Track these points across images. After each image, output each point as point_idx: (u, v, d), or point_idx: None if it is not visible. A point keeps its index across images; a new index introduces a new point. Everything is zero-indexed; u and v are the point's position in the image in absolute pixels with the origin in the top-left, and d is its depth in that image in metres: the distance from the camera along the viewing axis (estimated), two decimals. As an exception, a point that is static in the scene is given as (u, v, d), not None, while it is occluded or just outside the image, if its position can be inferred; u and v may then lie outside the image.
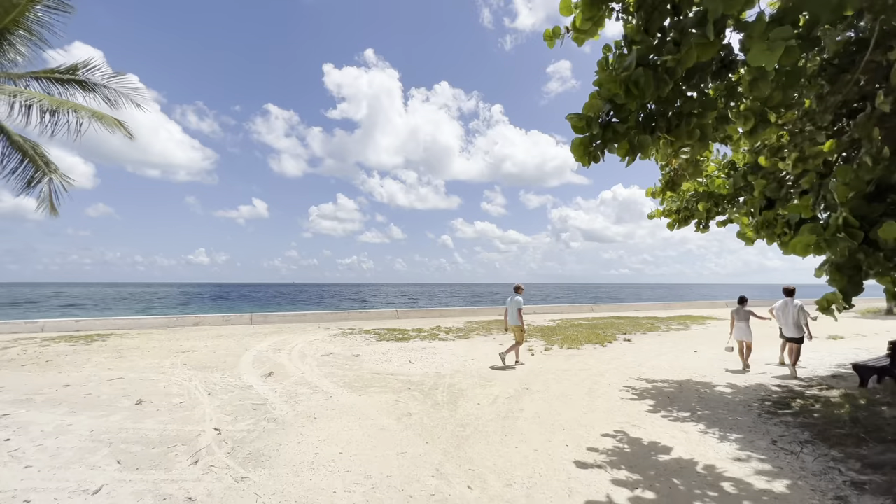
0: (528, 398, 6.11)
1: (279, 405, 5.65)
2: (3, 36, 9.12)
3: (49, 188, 10.95)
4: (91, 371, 7.69)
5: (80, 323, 14.61)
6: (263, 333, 13.06)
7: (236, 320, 16.76)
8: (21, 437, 4.38)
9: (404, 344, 11.28)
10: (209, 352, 9.75)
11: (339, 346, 10.66)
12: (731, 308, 8.96)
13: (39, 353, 9.48)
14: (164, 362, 8.56)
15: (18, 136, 10.07)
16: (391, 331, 13.84)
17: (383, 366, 8.40)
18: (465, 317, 20.44)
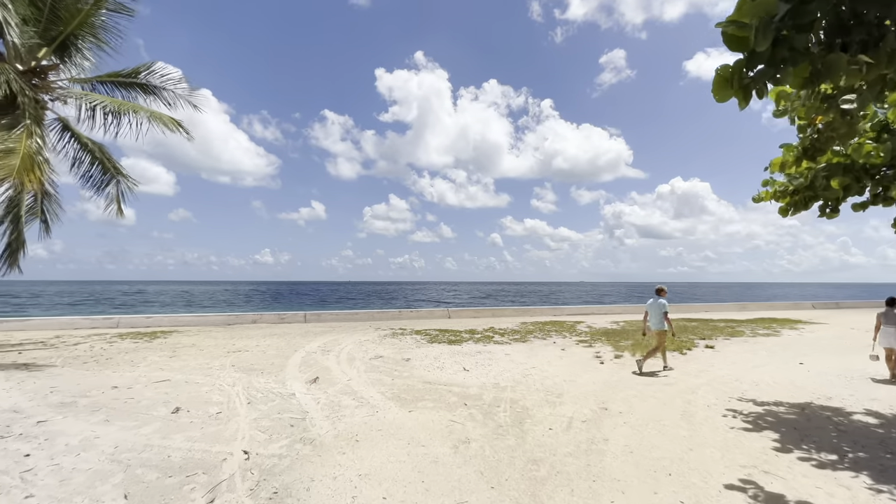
0: (610, 423, 4.93)
1: (319, 421, 4.87)
2: (70, 41, 9.15)
3: (116, 190, 11.08)
4: (142, 371, 7.41)
5: (150, 319, 15.02)
6: (315, 333, 12.65)
7: (291, 318, 16.64)
8: (41, 454, 3.88)
9: (457, 347, 10.34)
10: (259, 352, 9.34)
11: (389, 349, 9.91)
12: (879, 310, 7.34)
13: (104, 349, 9.51)
14: (214, 363, 8.18)
15: (87, 139, 10.19)
16: (443, 332, 12.96)
17: (435, 373, 7.49)
18: (519, 317, 19.19)
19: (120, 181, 11.06)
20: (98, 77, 9.84)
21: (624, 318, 18.15)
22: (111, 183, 10.96)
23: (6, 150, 7.13)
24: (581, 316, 19.73)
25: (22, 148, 7.30)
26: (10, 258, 8.79)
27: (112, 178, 10.92)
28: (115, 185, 11.02)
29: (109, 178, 10.90)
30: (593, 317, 19.29)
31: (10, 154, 7.14)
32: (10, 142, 7.25)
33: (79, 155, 10.30)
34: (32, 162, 7.41)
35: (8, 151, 7.13)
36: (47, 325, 13.65)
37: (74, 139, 10.10)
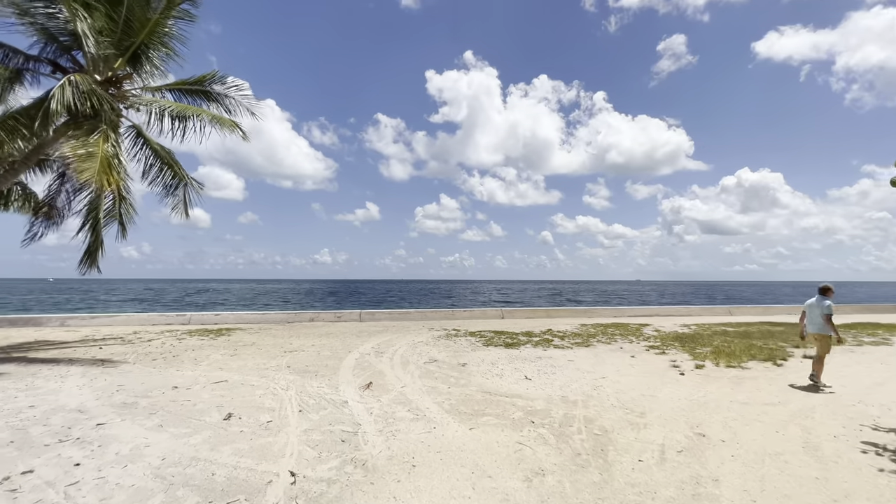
0: (714, 455, 4.01)
1: (372, 436, 4.37)
2: (142, 50, 9.41)
3: (184, 193, 11.41)
4: (203, 370, 7.37)
5: (218, 317, 15.58)
6: (369, 333, 12.39)
7: (347, 317, 16.63)
8: (91, 464, 3.66)
9: (515, 352, 9.59)
10: (314, 352, 9.14)
11: (444, 352, 9.36)
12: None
13: (173, 346, 9.75)
14: (271, 363, 8.03)
15: (157, 145, 10.53)
16: (498, 333, 12.24)
17: (495, 381, 6.82)
18: (577, 318, 18.00)
19: (187, 185, 11.37)
20: (166, 85, 10.11)
21: (695, 321, 16.43)
22: (179, 186, 11.29)
23: (87, 153, 7.36)
24: (645, 318, 18.19)
25: (100, 152, 7.51)
26: (90, 258, 9.20)
27: (180, 181, 11.24)
28: (182, 188, 11.34)
29: (177, 182, 11.23)
30: (659, 319, 17.70)
31: (90, 157, 7.36)
32: (89, 146, 7.48)
33: (151, 160, 10.66)
34: (109, 165, 7.61)
35: (88, 155, 7.36)
36: (130, 321, 14.50)
37: (146, 145, 10.46)
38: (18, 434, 4.29)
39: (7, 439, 4.15)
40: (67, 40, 8.37)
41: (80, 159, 7.22)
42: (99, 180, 7.24)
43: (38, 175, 10.78)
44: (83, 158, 7.26)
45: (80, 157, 7.25)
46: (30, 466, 3.54)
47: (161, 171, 10.86)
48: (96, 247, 9.17)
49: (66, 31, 8.11)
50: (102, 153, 7.53)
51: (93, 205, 9.05)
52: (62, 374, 6.92)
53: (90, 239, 9.15)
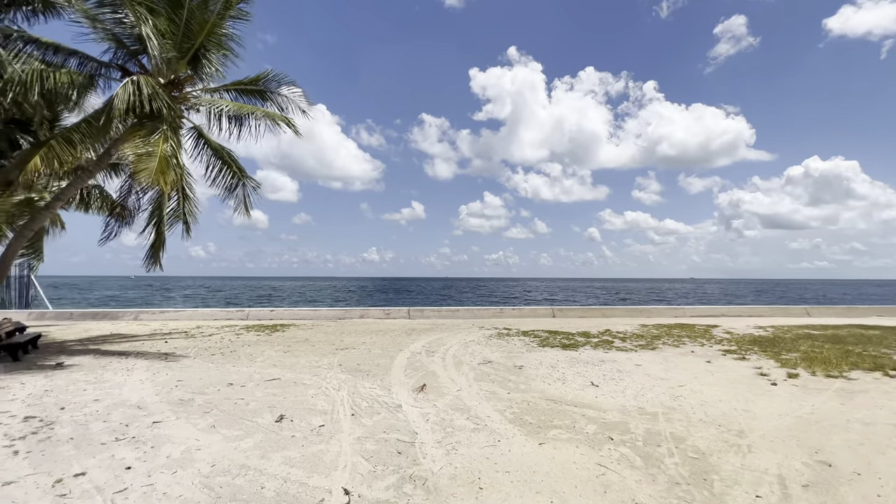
0: (854, 493, 3.17)
1: (430, 448, 3.91)
2: (201, 52, 9.55)
3: (243, 192, 11.59)
4: (258, 367, 7.28)
5: (273, 313, 15.92)
6: (418, 330, 12.06)
7: (396, 314, 16.45)
8: (142, 467, 3.46)
9: (573, 353, 8.84)
10: (365, 350, 8.88)
11: (498, 352, 8.79)
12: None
13: (231, 341, 9.87)
14: (323, 360, 7.84)
15: (217, 145, 10.73)
16: (552, 333, 11.48)
17: (557, 387, 6.17)
18: (634, 318, 16.75)
19: (245, 183, 11.54)
20: (224, 86, 10.25)
21: (769, 323, 14.74)
22: (238, 186, 11.48)
23: (146, 153, 7.50)
24: (710, 318, 16.61)
25: (159, 151, 7.64)
26: (153, 255, 9.49)
27: (238, 181, 11.42)
28: (241, 187, 11.52)
29: (237, 182, 11.42)
30: (727, 320, 16.07)
31: (150, 157, 7.50)
32: (149, 146, 7.62)
33: (211, 160, 10.88)
34: (168, 164, 7.73)
35: (147, 155, 7.49)
36: (194, 315, 15.11)
37: (207, 145, 10.68)
38: (80, 430, 4.22)
39: (68, 435, 4.08)
40: (134, 45, 8.62)
41: (140, 159, 7.36)
42: (156, 179, 7.33)
43: (112, 178, 11.35)
44: (143, 158, 7.39)
45: (140, 157, 7.39)
46: (83, 468, 3.39)
47: (221, 171, 11.06)
48: (159, 244, 9.45)
49: (132, 36, 8.34)
50: (161, 153, 7.64)
51: (156, 204, 9.31)
52: (129, 368, 7.06)
53: (153, 237, 9.43)
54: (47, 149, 7.23)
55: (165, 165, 7.64)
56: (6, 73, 7.00)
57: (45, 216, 8.27)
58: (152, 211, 9.35)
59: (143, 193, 9.67)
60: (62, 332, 11.03)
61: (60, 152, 7.29)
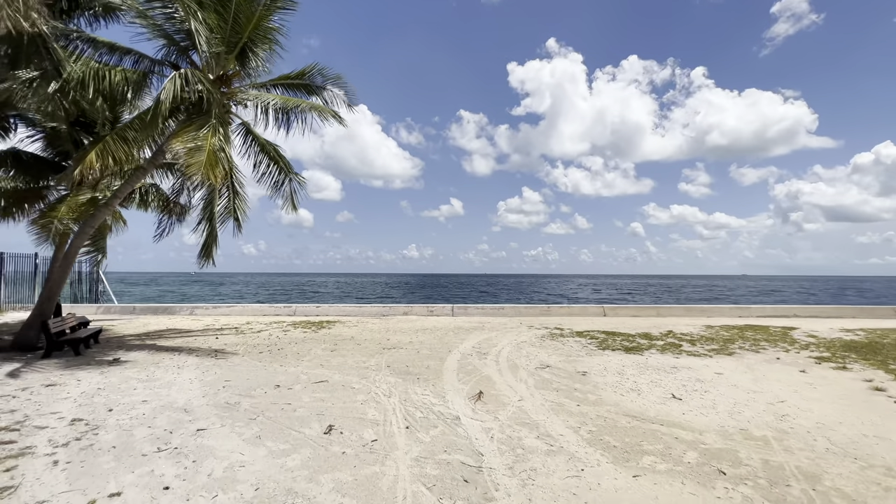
0: None
1: (502, 478, 3.27)
2: (248, 46, 9.35)
3: (290, 188, 11.42)
4: (305, 367, 6.94)
5: (319, 309, 15.87)
6: (465, 329, 11.46)
7: (440, 311, 15.94)
8: (181, 488, 3.06)
9: (639, 358, 7.92)
10: (413, 350, 8.38)
11: (555, 355, 8.02)
12: None
13: (279, 339, 9.70)
14: (370, 361, 7.40)
15: (264, 140, 10.58)
16: (610, 334, 10.52)
17: (633, 399, 5.35)
18: (695, 317, 15.32)
19: (292, 179, 11.36)
20: (271, 80, 10.05)
21: (857, 325, 12.93)
22: (285, 182, 11.32)
23: (196, 147, 7.34)
24: (784, 319, 14.90)
25: (207, 145, 7.46)
26: (206, 252, 9.45)
27: (286, 176, 11.25)
28: (287, 183, 11.35)
29: (284, 178, 11.25)
30: (805, 321, 14.32)
31: (198, 151, 7.33)
32: (198, 140, 7.46)
33: (259, 157, 10.75)
34: (216, 158, 7.54)
35: (196, 149, 7.33)
36: (245, 311, 15.31)
37: (255, 141, 10.54)
38: (123, 437, 3.94)
39: (111, 443, 3.79)
40: (184, 41, 8.52)
41: (190, 153, 7.19)
42: (206, 172, 7.13)
43: (168, 178, 11.51)
44: (192, 152, 7.23)
45: (190, 151, 7.22)
46: (120, 486, 3.03)
47: (268, 167, 10.91)
48: (211, 241, 9.40)
49: (182, 31, 8.23)
50: (210, 146, 7.45)
51: (207, 201, 9.24)
52: (179, 366, 6.92)
53: (206, 233, 9.38)
54: (102, 146, 7.22)
55: (214, 159, 7.46)
56: (65, 73, 7.03)
57: (104, 213, 8.37)
58: (204, 208, 9.33)
59: (194, 190, 9.66)
60: (124, 327, 11.35)
61: (114, 149, 7.27)
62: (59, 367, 6.68)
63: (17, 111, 9.94)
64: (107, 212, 8.42)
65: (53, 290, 8.17)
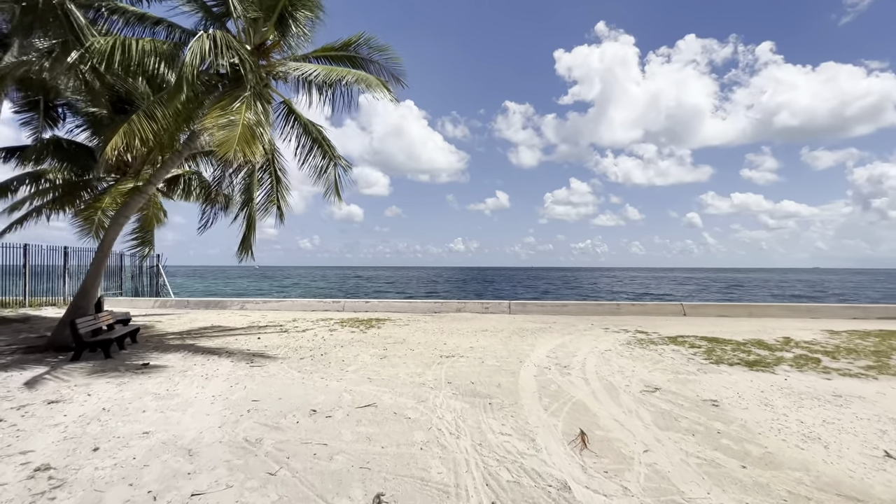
0: None
1: None
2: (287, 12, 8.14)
3: (334, 173, 10.25)
4: (350, 381, 5.61)
5: (368, 304, 14.78)
6: (529, 331, 9.76)
7: (495, 308, 14.30)
8: None
9: (774, 378, 5.86)
10: (476, 359, 6.84)
11: (656, 371, 6.15)
12: None
13: (324, 340, 8.53)
14: (427, 374, 5.95)
15: (307, 120, 9.43)
16: (714, 342, 8.39)
17: (826, 458, 3.46)
18: (801, 318, 12.55)
19: (336, 164, 10.17)
20: (313, 52, 8.84)
21: None
22: (329, 166, 10.15)
23: (227, 122, 6.21)
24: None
25: (241, 120, 6.31)
26: (244, 244, 8.44)
27: (330, 160, 10.08)
28: (332, 168, 10.17)
29: (328, 162, 10.08)
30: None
31: (230, 126, 6.20)
32: (230, 114, 6.32)
33: (301, 139, 9.61)
34: (252, 134, 6.39)
35: (229, 124, 6.20)
36: (293, 306, 14.53)
37: (297, 122, 9.41)
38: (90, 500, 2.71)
39: (69, 515, 2.56)
40: (219, 8, 7.44)
41: (220, 128, 6.05)
42: (240, 150, 5.97)
43: (211, 166, 10.71)
44: (223, 128, 6.09)
45: (220, 126, 6.09)
46: None
47: (311, 150, 9.77)
48: (249, 232, 8.37)
49: (217, 0, 7.11)
50: (244, 121, 6.29)
51: (245, 186, 8.21)
52: (208, 375, 5.83)
53: (244, 224, 8.36)
54: (127, 126, 6.29)
55: (250, 135, 6.31)
56: (87, 42, 6.13)
57: (137, 201, 7.55)
58: (242, 195, 8.33)
59: (233, 175, 8.68)
60: (171, 323, 10.75)
61: (140, 128, 6.31)
62: (82, 374, 5.81)
63: (64, 99, 9.45)
64: (141, 200, 7.58)
65: (88, 285, 7.46)
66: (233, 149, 5.92)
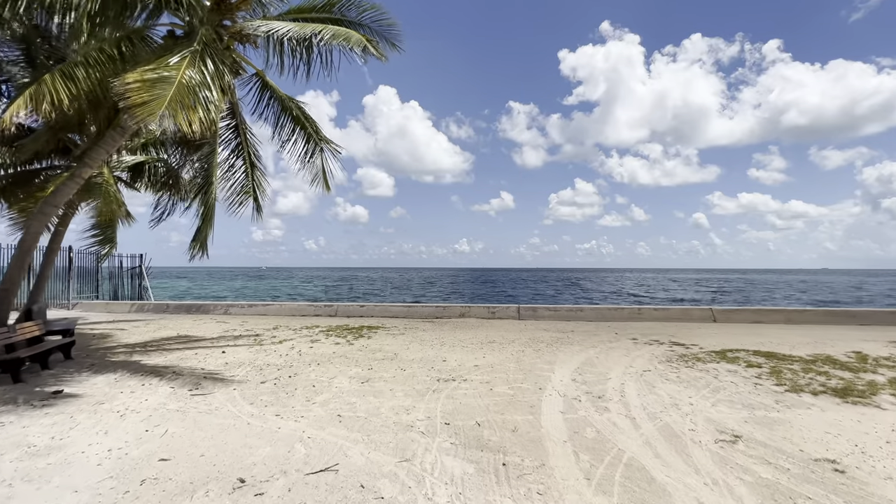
0: None
1: None
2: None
3: (321, 160, 8.76)
4: (314, 419, 4.08)
5: (363, 308, 13.25)
6: (544, 342, 8.18)
7: (503, 313, 12.72)
8: None
9: (886, 416, 4.25)
10: (484, 385, 5.27)
11: (720, 403, 4.55)
12: None
13: (299, 356, 7.02)
14: (418, 409, 4.40)
15: (284, 95, 7.95)
16: (771, 357, 6.75)
17: None
18: (848, 327, 10.80)
19: (324, 148, 8.68)
20: (287, 13, 7.36)
21: None
22: (315, 151, 8.66)
23: (157, 78, 4.71)
24: None
25: (178, 77, 4.81)
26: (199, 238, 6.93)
27: (315, 145, 8.59)
28: (319, 153, 8.68)
29: (313, 147, 8.59)
30: None
31: (161, 83, 4.69)
32: (164, 70, 4.82)
33: (280, 118, 8.14)
34: (193, 95, 4.89)
35: (159, 80, 4.70)
36: (281, 311, 13.05)
37: (274, 98, 7.95)
38: None
39: None
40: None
41: (145, 85, 4.56)
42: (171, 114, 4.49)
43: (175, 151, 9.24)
44: (150, 85, 4.59)
45: (146, 83, 4.59)
46: None
47: (293, 132, 8.30)
48: (205, 225, 6.86)
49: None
50: (182, 80, 4.80)
51: (204, 166, 6.73)
52: (127, 411, 4.33)
53: (200, 215, 6.86)
54: (36, 87, 4.85)
55: (189, 97, 4.83)
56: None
57: (70, 186, 6.09)
58: (199, 181, 6.85)
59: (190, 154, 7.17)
60: (132, 332, 9.29)
61: (54, 90, 4.85)
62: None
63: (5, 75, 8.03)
64: (73, 185, 6.11)
65: (4, 290, 6.01)
66: (159, 112, 4.43)
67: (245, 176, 8.38)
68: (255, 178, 8.47)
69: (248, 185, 8.42)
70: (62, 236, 8.29)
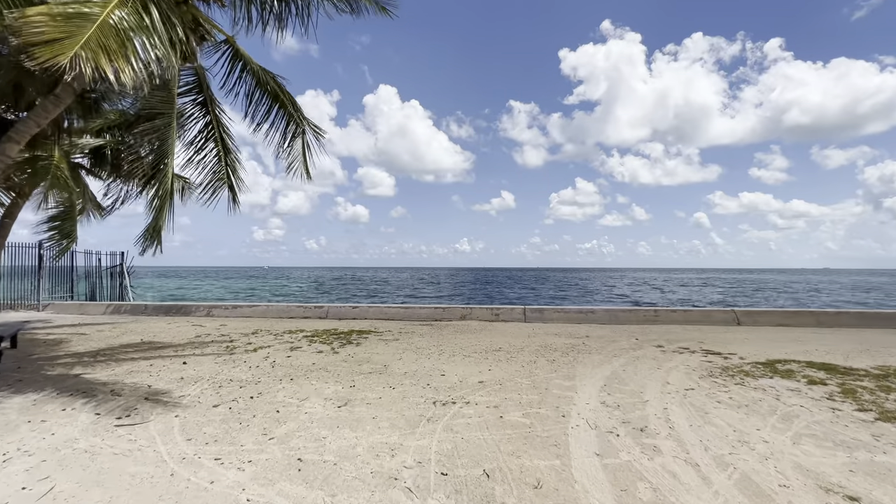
0: None
1: None
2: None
3: (301, 143, 7.69)
4: (263, 466, 2.97)
5: (356, 310, 12.15)
6: (557, 350, 7.06)
7: (507, 314, 11.62)
8: None
9: None
10: (490, 413, 4.15)
11: (804, 439, 3.42)
12: None
13: (273, 366, 5.93)
14: (405, 451, 3.28)
15: (259, 67, 6.87)
16: (833, 372, 5.61)
17: None
18: (888, 330, 9.70)
19: (305, 130, 7.60)
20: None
21: None
22: (297, 133, 7.58)
23: (74, 13, 3.61)
24: None
25: (102, 15, 3.72)
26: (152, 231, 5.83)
27: (297, 126, 7.51)
28: (300, 135, 7.61)
29: (295, 128, 7.52)
30: None
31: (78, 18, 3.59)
32: (81, 5, 3.72)
33: (255, 94, 7.05)
34: (120, 40, 3.78)
35: (74, 15, 3.60)
36: (267, 312, 11.95)
37: (247, 71, 6.86)
38: None
39: None
40: None
41: (54, 22, 3.46)
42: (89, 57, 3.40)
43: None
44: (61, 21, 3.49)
45: (54, 19, 3.49)
46: None
47: (269, 110, 7.22)
48: (160, 214, 5.74)
49: None
50: (106, 18, 3.71)
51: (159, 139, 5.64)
52: (17, 452, 3.23)
53: (155, 201, 5.76)
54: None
55: (115, 41, 3.73)
56: None
57: (-10, 169, 5.00)
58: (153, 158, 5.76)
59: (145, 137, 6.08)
60: (91, 336, 8.19)
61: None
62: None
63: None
64: None
65: None
66: (70, 52, 3.34)
67: (217, 160, 7.29)
68: (230, 163, 7.37)
69: (222, 170, 7.33)
70: (8, 228, 7.20)
